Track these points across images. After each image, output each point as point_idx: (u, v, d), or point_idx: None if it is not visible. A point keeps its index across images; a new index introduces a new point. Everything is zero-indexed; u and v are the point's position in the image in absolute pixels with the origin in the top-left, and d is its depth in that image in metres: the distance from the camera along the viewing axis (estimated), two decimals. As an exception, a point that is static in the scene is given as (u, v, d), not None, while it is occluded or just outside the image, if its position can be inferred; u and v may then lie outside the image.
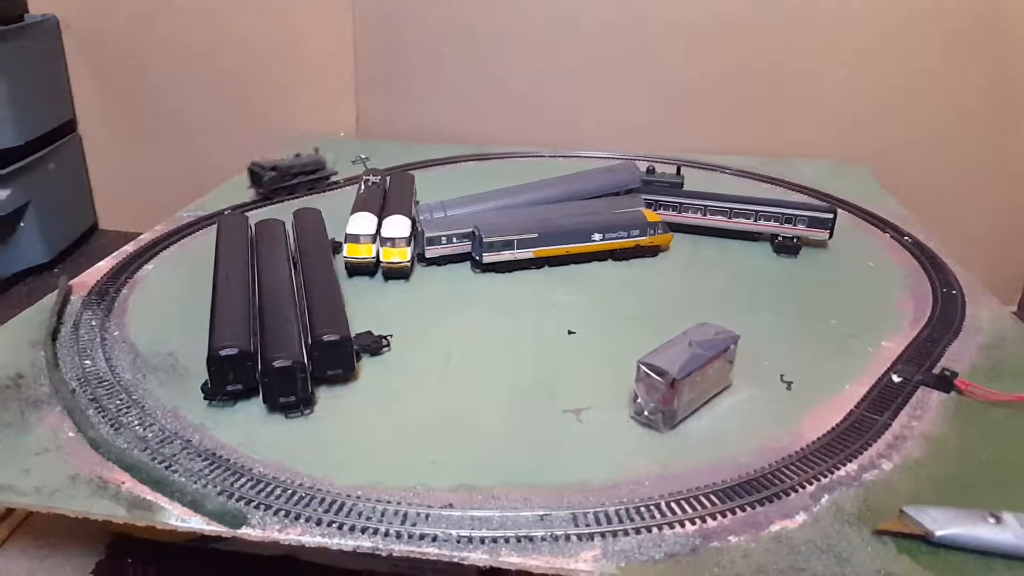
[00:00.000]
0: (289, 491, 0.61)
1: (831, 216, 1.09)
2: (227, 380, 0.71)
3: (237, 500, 0.60)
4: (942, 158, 1.60)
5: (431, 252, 1.05)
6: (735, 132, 1.64)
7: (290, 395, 0.70)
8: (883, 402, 0.73)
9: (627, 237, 1.08)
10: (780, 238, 1.11)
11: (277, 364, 0.68)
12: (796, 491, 0.61)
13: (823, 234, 1.10)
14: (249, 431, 0.69)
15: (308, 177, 1.31)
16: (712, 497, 0.61)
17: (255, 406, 0.72)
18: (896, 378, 0.77)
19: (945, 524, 0.54)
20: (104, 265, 1.02)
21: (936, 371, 0.77)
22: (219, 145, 1.76)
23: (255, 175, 1.26)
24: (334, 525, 0.58)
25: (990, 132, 1.59)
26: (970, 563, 0.54)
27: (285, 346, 0.71)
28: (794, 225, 1.10)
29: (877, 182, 1.44)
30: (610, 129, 1.66)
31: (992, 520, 0.54)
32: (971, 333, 0.86)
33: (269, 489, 0.61)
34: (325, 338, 0.73)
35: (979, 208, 1.63)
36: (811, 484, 0.62)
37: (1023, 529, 0.53)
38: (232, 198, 1.27)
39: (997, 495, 0.61)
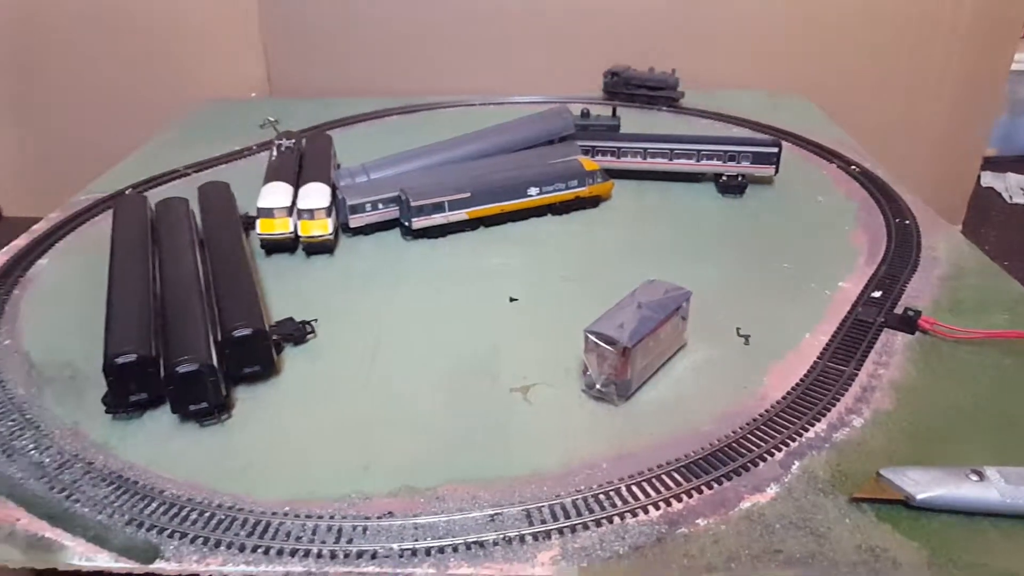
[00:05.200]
0: (207, 514, 0.54)
1: (776, 150, 1.04)
2: (129, 390, 0.63)
3: (148, 530, 0.53)
4: (878, 82, 1.57)
5: (355, 221, 0.96)
6: (671, 66, 1.57)
7: (201, 401, 0.62)
8: (847, 350, 0.69)
9: (565, 189, 1.01)
10: (724, 177, 1.06)
11: (182, 369, 0.60)
12: (765, 460, 0.57)
13: (769, 170, 1.05)
14: (159, 446, 0.61)
15: (653, 92, 1.38)
16: (675, 475, 0.56)
17: (165, 415, 0.64)
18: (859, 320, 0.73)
19: (926, 486, 0.51)
20: (-10, 265, 0.91)
21: (899, 311, 0.73)
22: (122, 119, 1.61)
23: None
24: (259, 550, 0.51)
25: (925, 50, 1.56)
26: (955, 525, 0.50)
27: (191, 347, 0.62)
28: (738, 162, 1.05)
29: (819, 110, 1.40)
30: (542, 71, 1.58)
31: (974, 477, 0.51)
32: (929, 265, 0.83)
33: (184, 514, 0.54)
34: (236, 333, 0.65)
35: (920, 128, 1.61)
36: (780, 450, 0.58)
37: (1007, 484, 0.50)
38: (134, 174, 1.15)
39: (975, 444, 0.58)
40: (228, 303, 0.70)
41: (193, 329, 0.65)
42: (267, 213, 0.91)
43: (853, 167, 1.10)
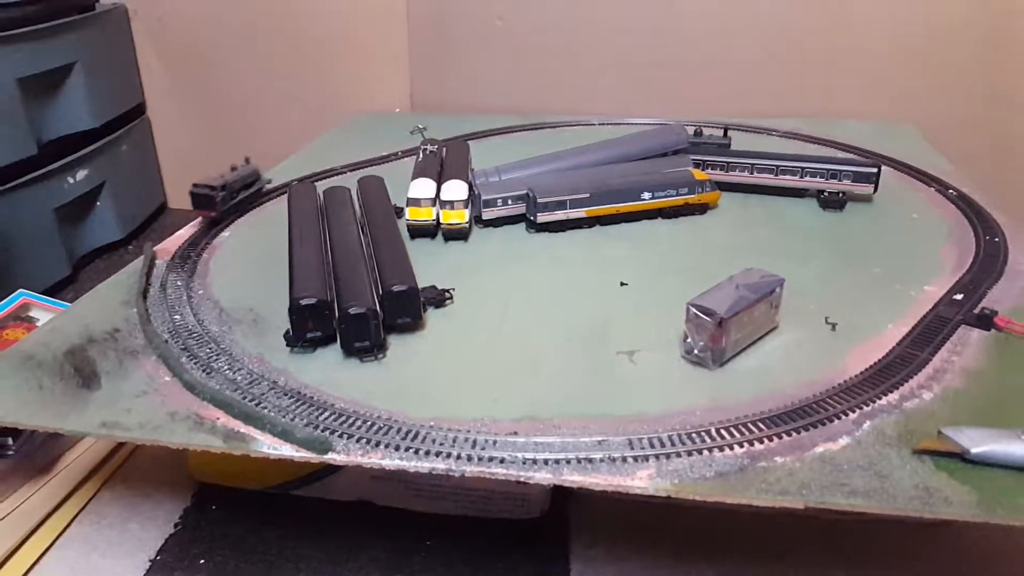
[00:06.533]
0: (368, 422, 0.67)
1: (875, 170, 1.11)
2: (307, 327, 0.78)
3: (322, 430, 0.67)
4: (990, 115, 1.58)
5: (488, 214, 1.10)
6: (782, 95, 1.65)
7: (364, 340, 0.76)
8: (924, 340, 0.76)
9: (676, 195, 1.11)
10: (826, 193, 1.13)
11: (352, 311, 0.75)
12: (840, 418, 0.65)
13: (868, 188, 1.12)
14: (328, 373, 0.76)
15: (249, 191, 1.19)
16: (759, 424, 0.65)
17: (332, 352, 0.78)
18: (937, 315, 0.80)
19: (980, 442, 0.58)
20: (184, 233, 1.10)
21: (976, 311, 0.79)
22: (280, 123, 1.84)
23: (205, 198, 1.10)
24: (411, 451, 0.64)
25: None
26: (1004, 478, 0.57)
27: (359, 296, 0.77)
28: (839, 180, 1.12)
29: (924, 140, 1.44)
30: (659, 96, 1.68)
31: (1026, 438, 0.57)
32: (1013, 277, 0.88)
33: (351, 421, 0.68)
34: (395, 288, 0.79)
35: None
36: (854, 412, 0.66)
37: (1056, 446, 0.56)
38: (295, 172, 1.34)
39: (1035, 420, 0.64)
40: (386, 265, 0.84)
41: (359, 282, 0.80)
42: (415, 203, 1.06)
43: (951, 191, 1.15)
